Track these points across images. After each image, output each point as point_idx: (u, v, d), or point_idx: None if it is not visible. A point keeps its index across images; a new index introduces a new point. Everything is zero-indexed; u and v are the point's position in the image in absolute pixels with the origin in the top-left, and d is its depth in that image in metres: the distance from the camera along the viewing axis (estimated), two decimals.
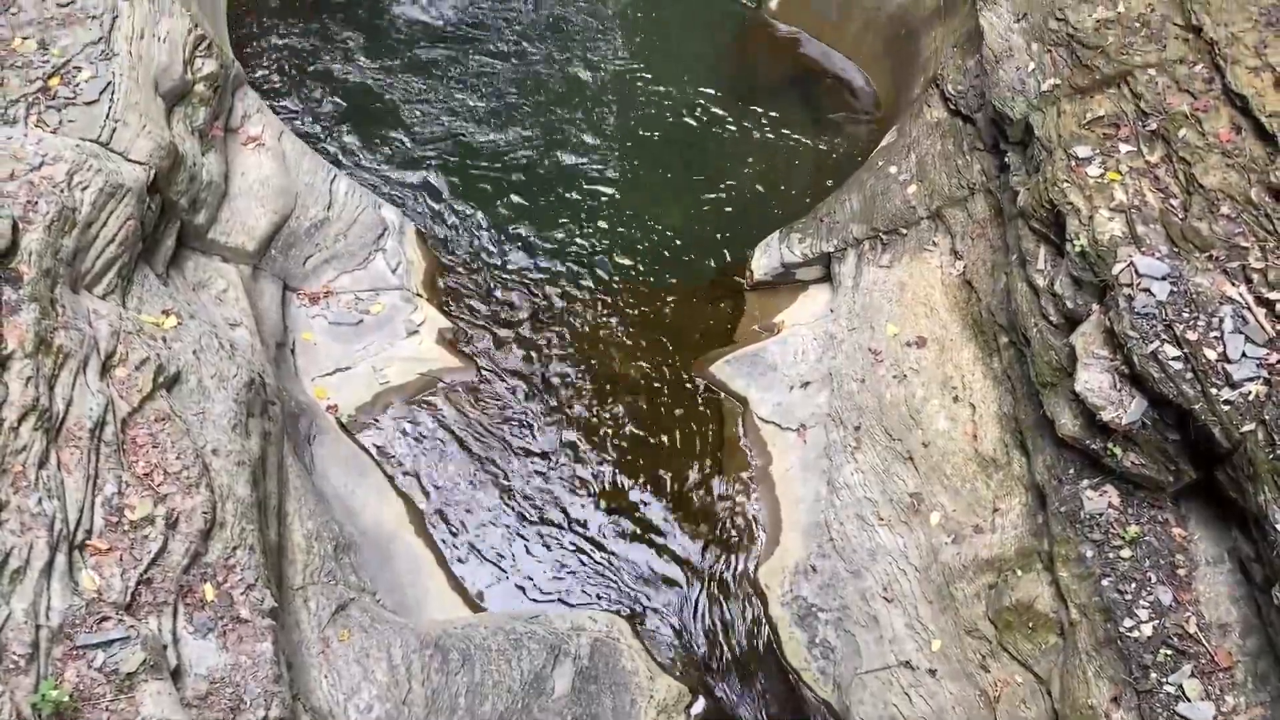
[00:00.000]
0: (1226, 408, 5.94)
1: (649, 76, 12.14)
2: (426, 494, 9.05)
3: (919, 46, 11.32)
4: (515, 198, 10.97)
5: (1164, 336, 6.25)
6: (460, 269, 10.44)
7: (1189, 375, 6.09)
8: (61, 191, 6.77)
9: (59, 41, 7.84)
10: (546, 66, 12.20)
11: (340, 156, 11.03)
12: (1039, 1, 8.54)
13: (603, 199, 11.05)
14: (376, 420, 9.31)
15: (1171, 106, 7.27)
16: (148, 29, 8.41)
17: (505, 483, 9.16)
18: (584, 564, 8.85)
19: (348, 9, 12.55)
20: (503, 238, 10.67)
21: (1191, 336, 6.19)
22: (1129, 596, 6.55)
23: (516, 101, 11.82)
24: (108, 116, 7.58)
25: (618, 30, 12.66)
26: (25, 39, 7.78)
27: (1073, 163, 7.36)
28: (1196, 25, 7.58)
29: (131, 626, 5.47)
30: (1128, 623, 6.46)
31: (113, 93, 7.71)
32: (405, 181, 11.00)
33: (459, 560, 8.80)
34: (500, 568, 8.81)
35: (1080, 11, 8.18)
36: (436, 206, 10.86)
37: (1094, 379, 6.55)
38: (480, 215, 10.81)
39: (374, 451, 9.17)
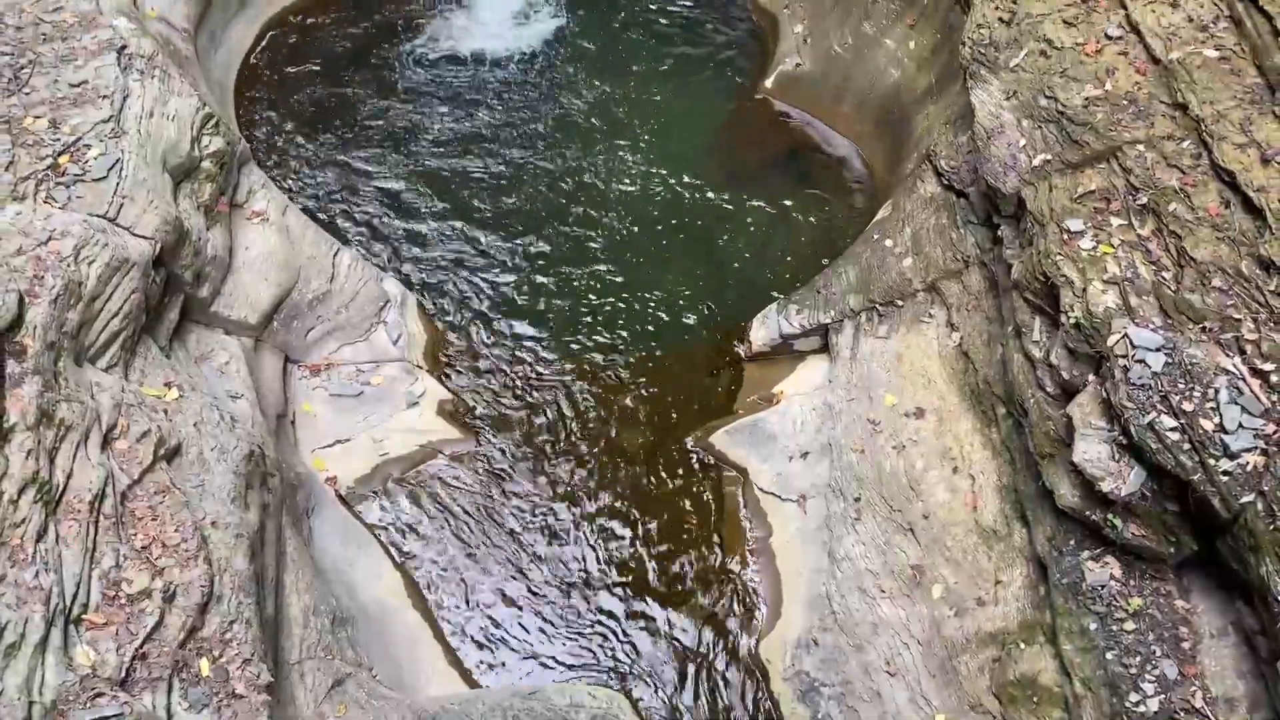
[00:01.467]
0: (1225, 478, 5.95)
1: (647, 153, 12.38)
2: (425, 567, 8.99)
3: (912, 124, 11.56)
4: (516, 270, 11.11)
5: (1160, 407, 6.28)
6: (461, 341, 10.52)
7: (1186, 446, 6.11)
8: (68, 266, 6.85)
9: (70, 120, 8.00)
10: (547, 142, 12.45)
11: (343, 229, 11.19)
12: (1028, 80, 8.74)
13: (602, 272, 11.17)
14: (376, 492, 9.29)
15: (1161, 181, 7.41)
16: (157, 108, 8.59)
17: (504, 556, 9.11)
18: (583, 638, 8.75)
19: (354, 89, 12.85)
20: (503, 310, 10.77)
21: (1188, 407, 6.22)
22: (1134, 670, 6.48)
23: (517, 175, 12.04)
24: (115, 192, 7.70)
25: (616, 109, 12.93)
26: (37, 118, 7.95)
27: (1065, 236, 7.48)
28: (1182, 103, 7.76)
29: (126, 703, 5.39)
30: (1133, 697, 6.38)
31: (121, 169, 7.85)
32: (407, 254, 11.15)
33: (457, 634, 8.70)
34: (498, 642, 8.71)
35: (1069, 90, 8.38)
36: (438, 279, 10.98)
37: (1092, 450, 6.57)
38: (481, 288, 10.92)
39: (373, 524, 9.13)
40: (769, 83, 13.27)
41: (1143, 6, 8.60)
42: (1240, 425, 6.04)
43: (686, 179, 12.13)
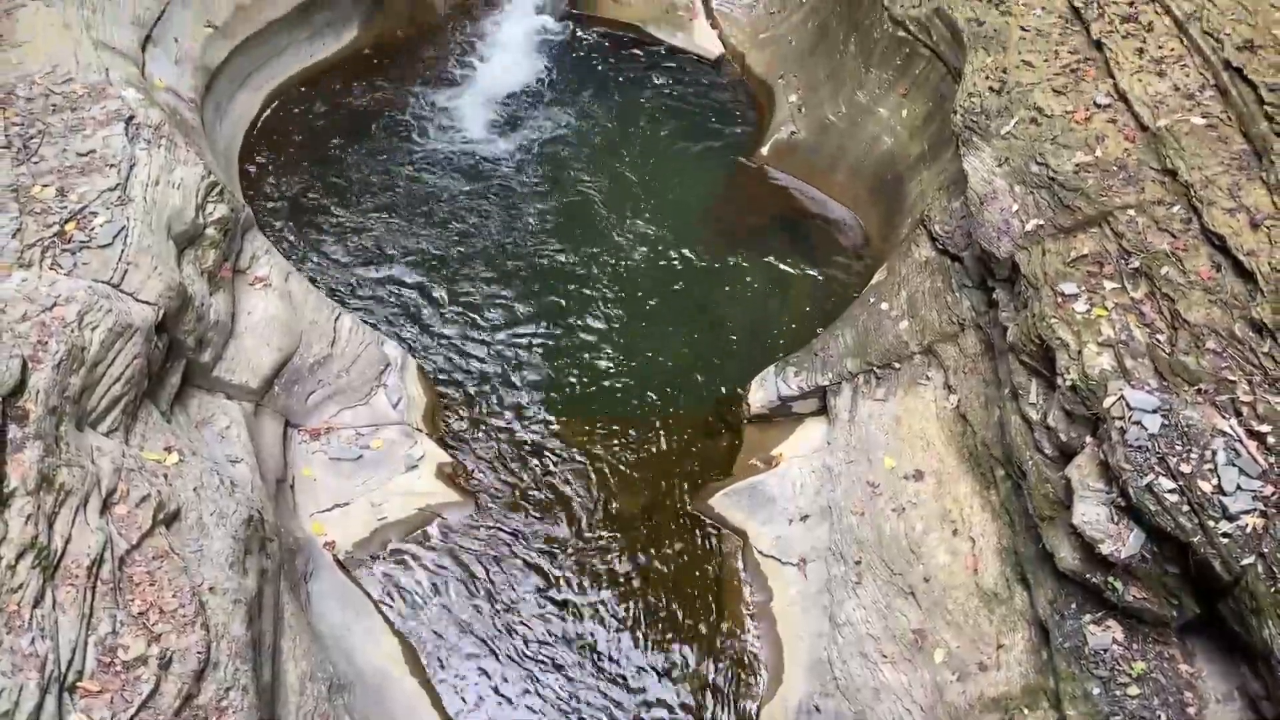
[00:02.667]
0: (1225, 540, 5.95)
1: (645, 219, 12.55)
2: (423, 634, 8.91)
3: (906, 189, 11.74)
4: (515, 334, 11.19)
5: (1158, 469, 6.30)
6: (460, 403, 10.55)
7: (1185, 508, 6.12)
8: (72, 331, 6.91)
9: (78, 188, 8.12)
10: (545, 209, 12.62)
11: (344, 293, 11.30)
12: (1019, 147, 8.91)
13: (601, 335, 11.26)
14: (374, 557, 9.24)
15: (1152, 245, 7.52)
16: (163, 176, 8.73)
17: (502, 622, 9.03)
18: (582, 705, 8.65)
19: (356, 158, 13.06)
20: (502, 373, 10.82)
21: (1185, 469, 6.24)
22: None
23: (515, 240, 12.18)
24: (120, 259, 7.78)
25: (614, 177, 13.14)
26: (45, 186, 8.07)
27: (1059, 299, 7.56)
28: (1172, 169, 7.91)
29: None
30: None
31: (126, 236, 7.94)
32: (407, 317, 11.23)
33: (455, 702, 8.59)
34: (496, 710, 8.60)
35: (1060, 156, 8.54)
36: (438, 342, 11.05)
37: (1091, 512, 6.57)
38: (480, 351, 10.99)
39: (370, 589, 9.07)
40: (765, 150, 13.50)
41: (1130, 76, 8.81)
42: (1238, 487, 6.05)
43: (684, 244, 12.28)
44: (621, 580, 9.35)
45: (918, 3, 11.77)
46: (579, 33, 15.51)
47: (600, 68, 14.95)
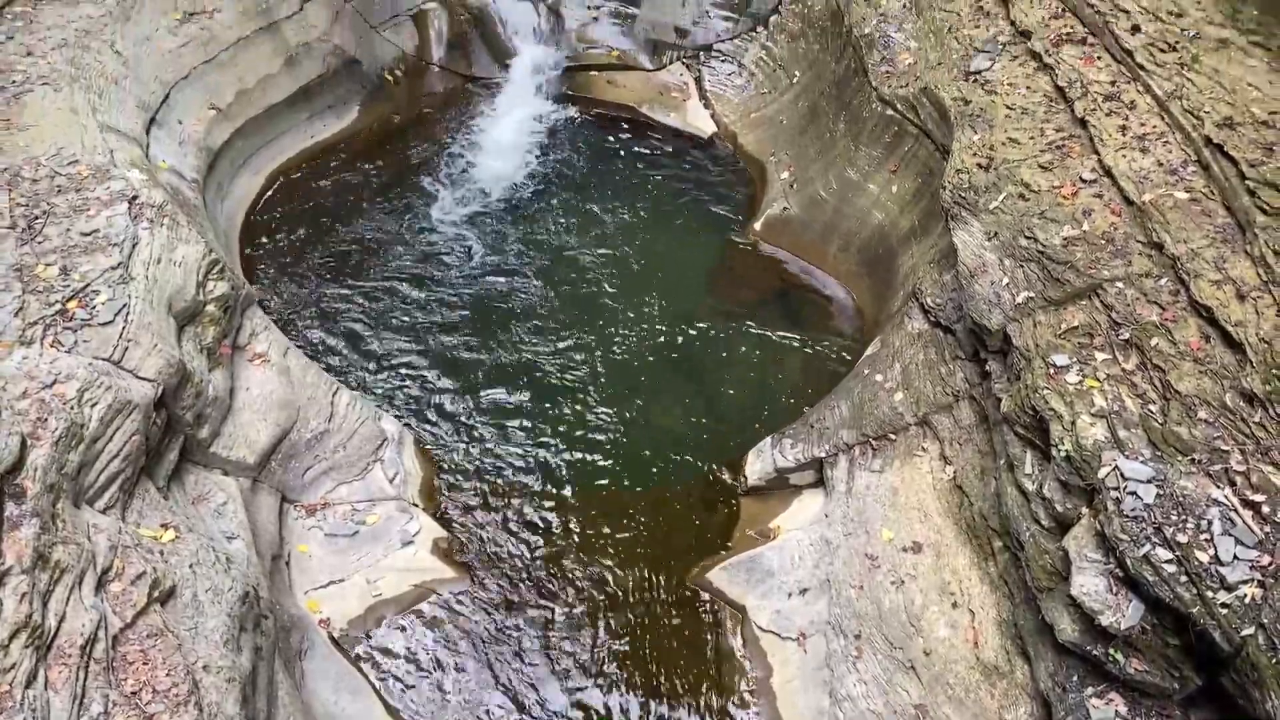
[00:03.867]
0: (1224, 611, 5.93)
1: (642, 293, 12.69)
2: (418, 712, 8.78)
3: (897, 263, 11.91)
4: (512, 406, 11.22)
5: (1155, 539, 6.31)
6: (457, 478, 10.54)
7: (1183, 578, 6.11)
8: (71, 408, 6.94)
9: (80, 267, 8.23)
10: (541, 284, 12.76)
11: (342, 368, 11.35)
12: (1008, 221, 9.08)
13: (598, 408, 11.29)
14: (369, 634, 9.15)
15: (1142, 317, 7.62)
16: (165, 254, 8.85)
17: (498, 701, 8.91)
18: None
19: (354, 236, 13.23)
20: (500, 447, 10.83)
21: (1182, 539, 6.25)
22: None
23: (513, 315, 12.30)
24: (121, 336, 7.86)
25: (611, 252, 13.31)
26: (48, 266, 8.18)
27: (1051, 370, 7.64)
28: (1158, 242, 8.06)
29: None
30: None
31: (127, 314, 8.03)
32: (405, 391, 11.28)
33: None
34: None
35: (1048, 230, 8.69)
36: (435, 416, 11.08)
37: (1089, 583, 6.56)
38: (478, 425, 11.01)
39: (365, 667, 8.95)
40: (758, 226, 13.71)
41: (1114, 152, 9.01)
42: (1235, 557, 6.05)
43: (680, 318, 12.40)
44: (619, 657, 9.25)
45: (905, 83, 12.07)
46: (575, 114, 15.86)
47: (596, 147, 15.25)
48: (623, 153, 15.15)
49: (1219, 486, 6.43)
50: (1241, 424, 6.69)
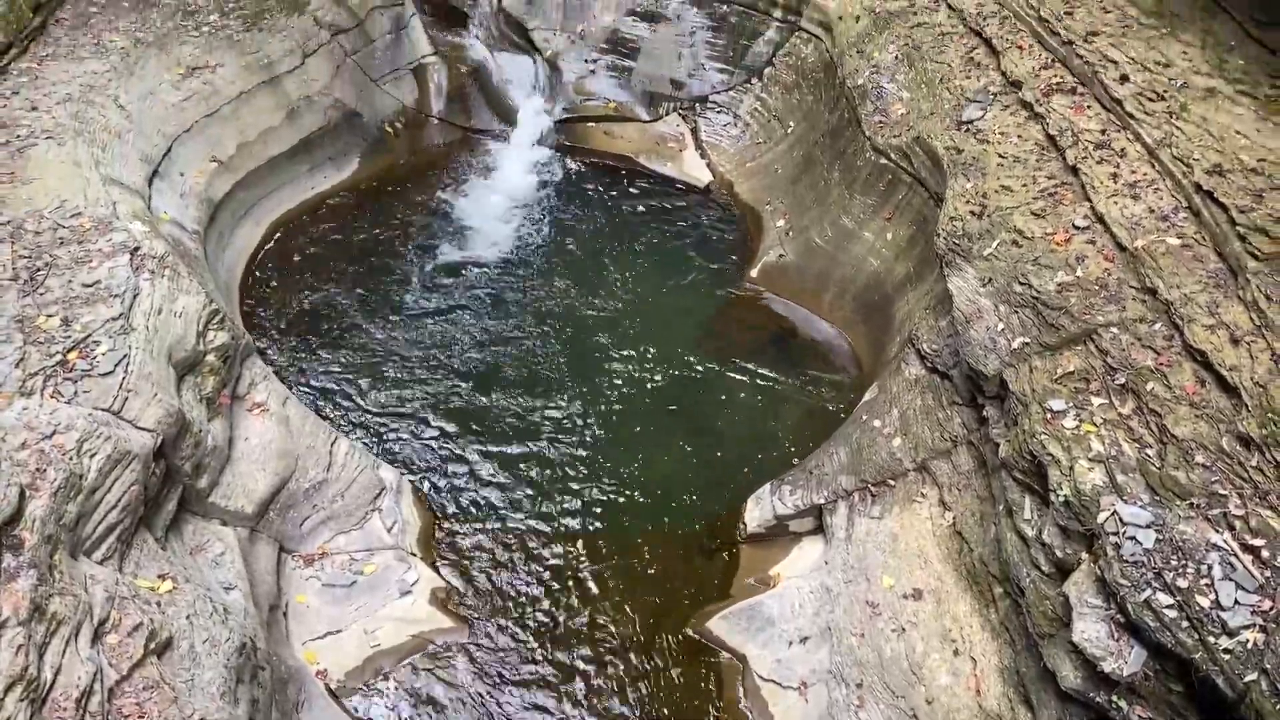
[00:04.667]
0: (1227, 656, 5.89)
1: (640, 341, 12.75)
2: None
3: (893, 309, 11.98)
4: (511, 455, 11.22)
5: (1155, 584, 6.29)
6: (456, 528, 10.51)
7: (1185, 624, 6.08)
8: (70, 459, 6.94)
9: (82, 318, 8.28)
10: (540, 332, 12.82)
11: (340, 417, 11.36)
12: (1002, 268, 9.16)
13: (597, 455, 11.30)
14: (366, 685, 9.06)
15: (1137, 362, 7.66)
16: (166, 305, 8.90)
17: None
18: None
19: (353, 285, 13.31)
20: (498, 495, 10.81)
21: (1183, 584, 6.23)
22: None
23: (513, 362, 12.34)
24: (120, 386, 7.87)
25: (609, 300, 13.39)
26: (50, 317, 8.23)
27: (1048, 415, 7.66)
28: (1151, 288, 8.12)
29: None
30: None
31: (128, 364, 8.05)
32: (403, 440, 11.28)
33: None
34: None
35: (1042, 276, 8.77)
36: (433, 464, 11.07)
37: (1091, 629, 6.52)
38: (477, 473, 11.00)
39: None
40: (755, 273, 13.81)
41: (1106, 199, 9.12)
42: (1236, 601, 6.03)
43: (679, 364, 12.45)
44: (619, 710, 9.16)
45: (898, 133, 12.24)
46: (574, 164, 16.05)
47: (595, 196, 15.41)
48: (620, 201, 15.31)
49: (1218, 531, 6.43)
50: (1239, 468, 6.70)
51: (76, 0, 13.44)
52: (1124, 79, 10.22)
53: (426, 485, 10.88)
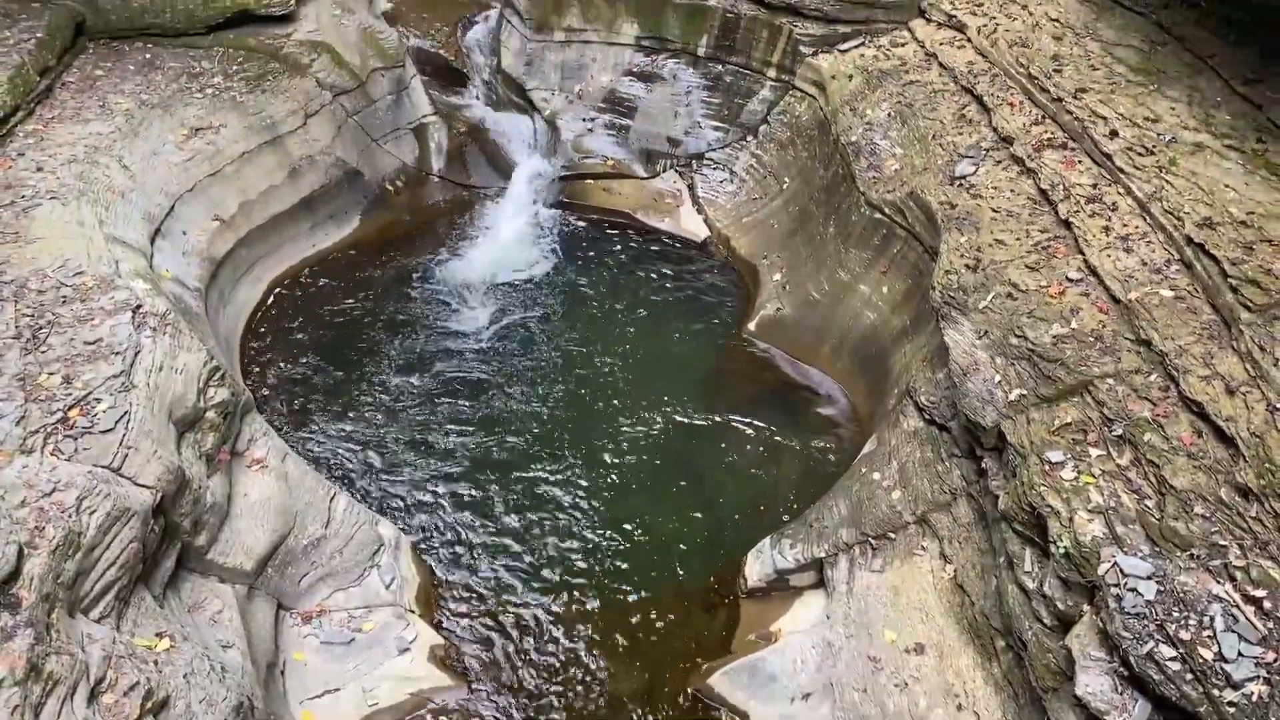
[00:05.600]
0: (1231, 710, 5.85)
1: (639, 394, 12.78)
2: None
3: (890, 362, 12.04)
4: (509, 511, 11.19)
5: (1158, 636, 6.26)
6: (454, 584, 10.45)
7: (1188, 676, 6.05)
8: (69, 517, 6.94)
9: (83, 376, 8.32)
10: (540, 388, 12.86)
11: (339, 473, 11.36)
12: (998, 320, 9.23)
13: (596, 510, 11.27)
14: None
15: (1134, 413, 7.71)
16: (167, 362, 8.94)
17: None
18: None
19: (353, 341, 13.38)
20: (497, 551, 10.77)
21: (1185, 636, 6.21)
22: None
23: (511, 419, 12.35)
24: (121, 443, 7.88)
25: (608, 354, 13.46)
26: (51, 375, 8.27)
27: (1047, 467, 7.68)
28: (1146, 339, 8.20)
29: None
30: None
31: (128, 421, 8.07)
32: (401, 496, 11.26)
33: None
34: None
35: (1037, 329, 8.84)
36: (432, 521, 11.04)
37: (1094, 682, 6.48)
38: (475, 529, 10.97)
39: None
40: (752, 325, 13.89)
41: (1099, 252, 9.23)
42: (1239, 653, 6.01)
43: (677, 418, 12.47)
44: None
45: (892, 188, 12.40)
46: (572, 220, 16.22)
47: (593, 251, 15.56)
48: (619, 256, 15.45)
49: (1219, 582, 6.42)
50: (1238, 518, 6.71)
51: (83, 64, 13.68)
52: (1113, 134, 10.40)
53: (425, 541, 10.84)
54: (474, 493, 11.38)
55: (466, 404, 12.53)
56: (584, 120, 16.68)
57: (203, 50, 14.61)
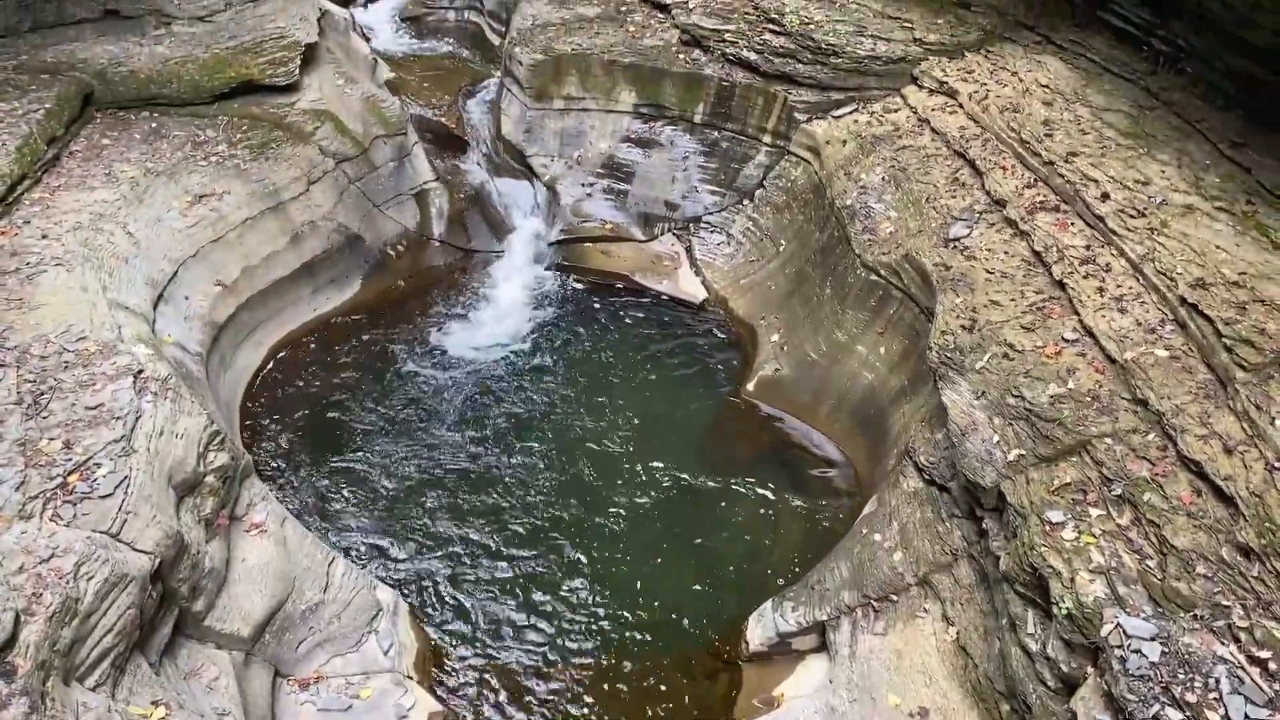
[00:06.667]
0: None
1: (637, 456, 12.77)
2: None
3: (889, 422, 12.06)
4: (508, 575, 11.12)
5: (1163, 699, 6.21)
6: (453, 650, 10.34)
7: None
8: (67, 583, 6.91)
9: (83, 441, 8.33)
10: (539, 450, 12.86)
11: (337, 537, 11.30)
12: (995, 380, 9.28)
13: (595, 574, 11.20)
14: None
15: (1132, 472, 7.72)
16: (167, 426, 8.96)
17: None
18: None
19: (352, 406, 13.41)
20: (496, 616, 10.68)
21: (1191, 699, 6.15)
22: None
23: (510, 482, 12.32)
24: (120, 509, 7.87)
25: (606, 415, 13.47)
26: (52, 440, 8.29)
27: (1047, 527, 7.67)
28: (1142, 399, 8.24)
29: None
30: None
31: (128, 486, 8.07)
32: (400, 561, 11.19)
33: None
34: None
35: (1034, 389, 8.88)
36: (431, 586, 10.96)
37: None
38: (474, 593, 10.89)
39: None
40: (750, 386, 13.93)
41: (1094, 312, 9.31)
42: (1246, 716, 5.95)
43: (676, 479, 12.45)
44: None
45: (887, 250, 12.54)
46: (571, 283, 16.35)
47: (591, 313, 15.66)
48: (617, 318, 15.54)
49: (1223, 643, 6.38)
50: (1240, 578, 6.69)
51: (90, 133, 13.91)
52: (1105, 197, 10.55)
53: (424, 606, 10.75)
54: (473, 558, 11.31)
55: (463, 467, 12.51)
56: (583, 185, 16.91)
57: (208, 119, 14.86)
